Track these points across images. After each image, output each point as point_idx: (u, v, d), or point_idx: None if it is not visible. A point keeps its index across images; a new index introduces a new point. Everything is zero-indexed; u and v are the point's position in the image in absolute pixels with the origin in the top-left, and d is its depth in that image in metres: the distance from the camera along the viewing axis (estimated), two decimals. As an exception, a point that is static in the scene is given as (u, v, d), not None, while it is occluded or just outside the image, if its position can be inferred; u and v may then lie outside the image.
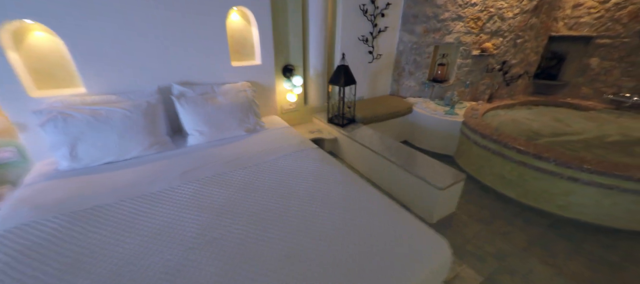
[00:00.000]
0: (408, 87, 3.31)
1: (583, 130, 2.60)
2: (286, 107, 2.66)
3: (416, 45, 3.05)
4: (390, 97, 3.35)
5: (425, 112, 2.90)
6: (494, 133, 2.23)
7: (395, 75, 3.33)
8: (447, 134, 2.77)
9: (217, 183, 1.38)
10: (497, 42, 2.94)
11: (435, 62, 3.19)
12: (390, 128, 2.97)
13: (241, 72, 2.14)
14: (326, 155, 1.72)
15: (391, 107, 2.91)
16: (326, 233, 1.07)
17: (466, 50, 2.96)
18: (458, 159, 2.69)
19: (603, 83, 3.06)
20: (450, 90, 3.19)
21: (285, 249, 1.00)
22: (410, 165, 1.86)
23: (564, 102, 3.27)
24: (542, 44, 3.21)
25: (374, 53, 2.98)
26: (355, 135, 2.35)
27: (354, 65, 2.90)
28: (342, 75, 2.31)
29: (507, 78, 3.19)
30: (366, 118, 2.64)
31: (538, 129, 2.62)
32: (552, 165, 1.89)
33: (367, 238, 1.06)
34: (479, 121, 2.50)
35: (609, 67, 2.98)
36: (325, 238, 1.05)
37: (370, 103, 2.99)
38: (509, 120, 2.84)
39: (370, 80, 3.18)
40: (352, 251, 1.00)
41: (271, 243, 1.03)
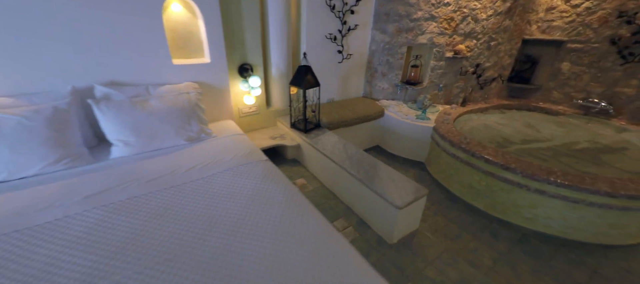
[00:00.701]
0: (381, 89, 3.15)
1: (552, 136, 2.55)
2: (245, 110, 2.42)
3: (389, 45, 2.89)
4: (363, 99, 3.18)
5: (396, 116, 2.75)
6: (463, 142, 2.11)
7: (368, 76, 3.17)
8: (419, 140, 2.64)
9: (129, 209, 1.14)
10: (471, 44, 2.84)
11: (408, 63, 3.05)
12: (360, 133, 2.80)
13: (185, 71, 1.88)
14: (272, 170, 1.51)
15: (361, 111, 2.74)
16: (247, 277, 0.87)
17: (439, 51, 2.83)
18: (429, 166, 2.57)
19: (573, 88, 3.04)
20: (424, 92, 3.07)
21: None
22: (370, 178, 1.69)
23: (537, 106, 3.24)
24: (516, 46, 3.15)
25: (343, 52, 2.79)
26: (318, 143, 2.16)
27: (321, 65, 2.70)
28: (304, 77, 2.10)
29: (481, 81, 3.11)
30: (332, 123, 2.45)
31: (509, 135, 2.54)
32: (519, 176, 1.78)
33: (293, 280, 0.87)
34: (449, 127, 2.38)
35: (579, 72, 2.96)
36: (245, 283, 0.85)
37: (339, 106, 2.81)
38: (481, 125, 2.75)
39: (341, 81, 2.99)
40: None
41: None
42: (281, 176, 1.48)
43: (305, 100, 2.17)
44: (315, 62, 2.64)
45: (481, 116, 3.01)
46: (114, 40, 1.58)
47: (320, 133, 2.33)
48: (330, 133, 2.34)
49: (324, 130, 2.38)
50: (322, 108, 2.70)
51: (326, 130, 2.39)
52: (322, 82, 2.81)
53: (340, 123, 2.51)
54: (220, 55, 1.99)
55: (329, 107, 2.74)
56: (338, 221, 1.77)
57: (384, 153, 2.93)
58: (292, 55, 2.71)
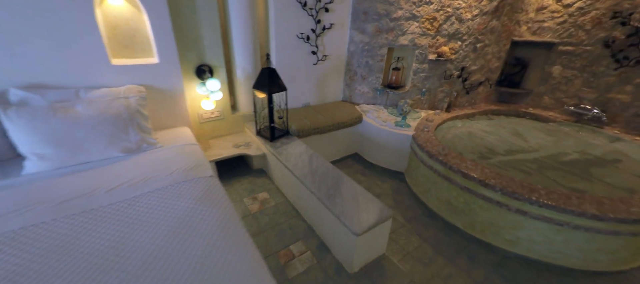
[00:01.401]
0: (361, 92, 2.96)
1: (540, 147, 2.37)
2: (207, 116, 2.22)
3: (368, 47, 2.70)
4: (342, 103, 2.99)
5: (374, 123, 2.56)
6: (440, 153, 1.92)
7: (348, 79, 2.98)
8: (398, 149, 2.46)
9: (17, 242, 0.94)
10: (455, 46, 2.65)
11: (389, 66, 2.86)
12: (336, 141, 2.61)
13: (128, 72, 1.68)
14: (214, 188, 1.31)
15: (337, 116, 2.55)
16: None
17: (422, 53, 2.64)
18: (408, 178, 2.38)
19: (564, 94, 2.86)
20: (406, 97, 2.88)
21: None
22: (331, 197, 1.49)
23: (526, 112, 3.06)
24: (505, 49, 2.97)
25: (318, 53, 2.60)
26: (282, 153, 1.96)
27: (293, 67, 2.51)
28: (267, 80, 1.91)
29: (467, 85, 2.93)
30: (303, 131, 2.26)
31: (493, 145, 2.36)
32: (499, 194, 1.59)
33: None
34: (428, 136, 2.19)
35: (571, 76, 2.78)
36: None
37: (314, 112, 2.62)
38: (464, 134, 2.56)
39: (317, 84, 2.80)
40: None
41: None
42: (222, 196, 1.28)
43: (270, 105, 1.97)
44: (286, 63, 2.44)
45: (467, 122, 2.83)
46: (37, 36, 1.38)
47: (287, 141, 2.13)
48: (299, 141, 2.14)
49: (292, 138, 2.18)
50: (295, 113, 2.50)
51: (295, 138, 2.19)
52: (295, 86, 2.62)
53: (312, 131, 2.31)
54: (171, 55, 1.79)
55: (302, 113, 2.54)
56: (296, 245, 1.58)
57: (361, 161, 2.74)
58: (260, 56, 2.51)
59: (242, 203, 1.89)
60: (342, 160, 2.77)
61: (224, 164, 2.23)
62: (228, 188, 2.04)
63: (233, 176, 2.19)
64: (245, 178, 2.17)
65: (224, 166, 2.25)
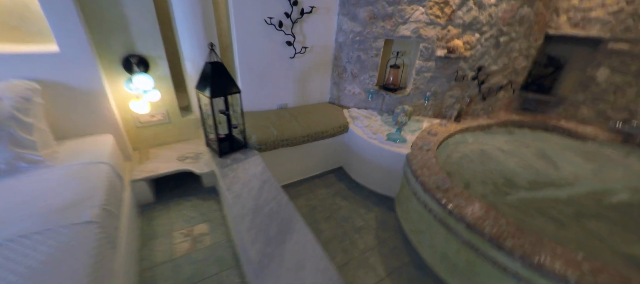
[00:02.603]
0: (352, 94, 2.44)
1: (575, 178, 1.80)
2: (145, 119, 1.78)
3: (360, 37, 2.16)
4: (329, 106, 2.48)
5: (362, 134, 2.05)
6: (439, 188, 1.41)
7: (335, 77, 2.46)
8: (388, 169, 1.95)
9: None
10: (472, 40, 2.07)
11: (387, 62, 2.32)
12: (314, 154, 2.13)
13: (12, 63, 1.24)
14: (83, 242, 0.88)
15: (316, 124, 2.06)
16: None
17: (428, 48, 2.08)
18: (398, 208, 1.89)
19: (611, 105, 2.24)
20: (406, 102, 2.34)
21: None
22: (267, 259, 1.03)
23: (556, 126, 2.46)
24: (536, 45, 2.35)
25: (295, 44, 2.08)
26: (228, 175, 1.50)
27: (263, 61, 2.01)
28: (211, 80, 1.43)
29: (484, 90, 2.35)
30: (266, 143, 1.78)
31: (512, 172, 1.81)
32: (519, 264, 1.09)
33: None
34: (426, 158, 1.67)
35: (622, 83, 2.15)
36: None
37: (289, 117, 2.13)
38: (476, 153, 2.02)
39: (297, 82, 2.30)
40: None
41: None
42: (87, 254, 0.84)
43: (214, 113, 1.50)
44: (253, 56, 1.95)
45: (480, 137, 2.27)
46: None
47: (243, 157, 1.67)
48: (258, 158, 1.67)
49: (250, 154, 1.72)
50: (263, 119, 2.02)
51: (254, 153, 1.72)
52: (267, 83, 2.12)
53: (279, 143, 1.84)
54: (78, 41, 1.33)
55: (272, 118, 2.06)
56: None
57: (346, 179, 2.25)
58: (221, 46, 2.03)
59: (169, 238, 1.45)
60: (323, 175, 2.29)
61: (169, 180, 1.80)
62: (162, 213, 1.61)
63: (177, 195, 1.77)
64: (189, 200, 1.73)
65: (169, 181, 1.82)
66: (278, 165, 1.96)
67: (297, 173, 2.15)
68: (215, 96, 1.43)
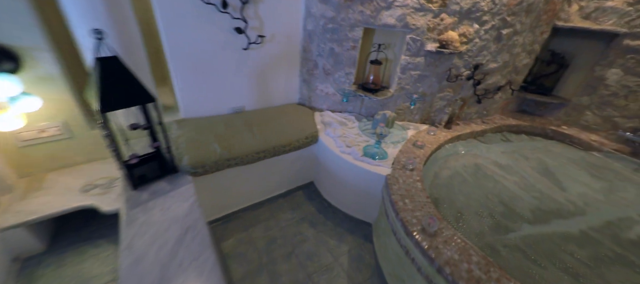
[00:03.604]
0: (325, 94, 2.03)
1: (586, 202, 1.51)
2: (30, 136, 1.30)
3: (333, 25, 1.73)
4: (298, 109, 2.07)
5: (333, 148, 1.67)
6: (425, 232, 1.06)
7: (305, 73, 2.03)
8: (365, 191, 1.59)
9: None
10: (469, 32, 1.69)
11: (367, 56, 1.91)
12: (275, 171, 1.73)
13: None
14: None
15: (277, 135, 1.65)
16: None
17: (416, 40, 1.69)
18: (376, 239, 1.55)
19: (620, 111, 1.95)
20: (389, 105, 1.96)
21: None
22: None
23: (557, 132, 2.17)
24: (542, 38, 2.00)
25: (249, 31, 1.63)
26: (138, 218, 1.08)
27: (204, 52, 1.55)
28: (100, 85, 0.98)
29: (480, 91, 2.00)
30: (203, 165, 1.36)
31: (512, 196, 1.49)
32: None
33: None
34: (409, 183, 1.31)
35: (636, 87, 1.85)
36: None
37: (243, 125, 1.70)
38: (470, 169, 1.69)
39: (256, 79, 1.86)
40: None
41: None
42: None
43: (111, 130, 1.07)
44: (188, 45, 1.49)
45: (473, 146, 1.94)
46: None
47: (167, 187, 1.25)
48: (191, 186, 1.26)
49: (181, 180, 1.30)
50: (207, 129, 1.59)
51: (187, 180, 1.31)
52: (213, 82, 1.66)
53: (223, 163, 1.42)
54: None
55: (219, 128, 1.63)
56: None
57: (317, 198, 1.89)
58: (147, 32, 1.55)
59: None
60: (291, 193, 1.91)
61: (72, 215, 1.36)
62: (52, 271, 1.18)
63: (82, 239, 1.33)
64: (98, 246, 1.31)
65: (72, 218, 1.37)
66: (225, 190, 1.56)
67: (255, 195, 1.76)
68: (107, 109, 0.98)
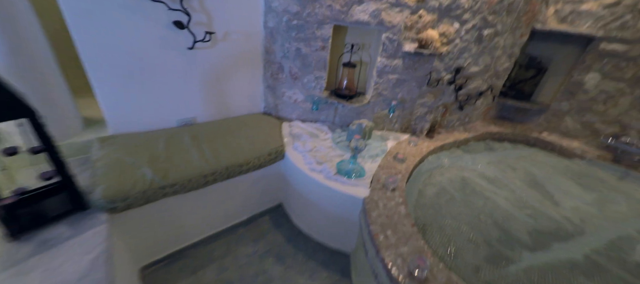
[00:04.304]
0: (293, 102, 1.77)
1: (581, 218, 1.36)
2: None
3: (298, 21, 1.48)
4: (262, 119, 1.78)
5: (302, 165, 1.40)
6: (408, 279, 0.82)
7: (269, 78, 1.76)
8: (341, 217, 1.33)
9: None
10: (450, 31, 1.52)
11: (338, 59, 1.68)
12: (235, 194, 1.42)
13: None
14: None
15: (232, 153, 1.34)
16: None
17: (393, 40, 1.49)
18: (354, 274, 1.28)
19: (599, 117, 1.89)
20: (365, 113, 1.74)
21: None
22: None
23: (538, 139, 2.08)
24: (521, 41, 1.91)
25: (193, 28, 1.33)
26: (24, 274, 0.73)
27: (134, 50, 1.23)
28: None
29: (462, 96, 1.85)
30: (127, 198, 1.02)
31: (506, 216, 1.31)
32: None
33: None
34: (393, 204, 1.07)
35: (614, 92, 1.80)
36: None
37: (191, 141, 1.38)
38: (457, 183, 1.50)
39: (208, 84, 1.55)
40: None
41: None
42: None
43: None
44: (108, 42, 1.16)
45: (458, 157, 1.77)
46: None
47: (67, 232, 0.90)
48: (104, 227, 0.92)
49: (90, 220, 0.95)
50: (141, 148, 1.24)
51: (101, 218, 0.96)
52: (150, 89, 1.30)
53: (157, 192, 1.09)
54: None
55: (157, 146, 1.30)
56: None
57: (285, 224, 1.59)
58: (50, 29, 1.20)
59: None
60: (254, 220, 1.60)
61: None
62: None
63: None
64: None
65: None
66: (165, 224, 1.22)
67: (207, 226, 1.43)
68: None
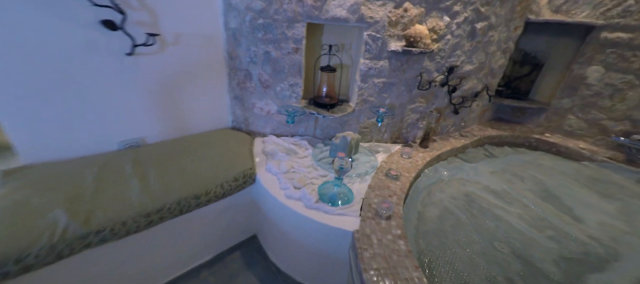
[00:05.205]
0: (266, 114, 1.52)
1: (609, 233, 1.15)
2: None
3: (265, 19, 1.25)
4: (231, 135, 1.52)
5: (276, 192, 1.14)
6: None
7: (235, 87, 1.51)
8: (326, 252, 1.07)
9: None
10: (440, 26, 1.33)
11: (315, 62, 1.45)
12: (196, 229, 1.13)
13: None
14: None
15: (186, 180, 1.07)
16: None
17: (377, 38, 1.28)
18: (344, 330, 1.02)
19: (607, 113, 1.72)
20: (350, 123, 1.51)
21: None
22: None
23: (541, 141, 1.90)
24: (515, 35, 1.74)
25: (127, 26, 1.07)
26: None
27: (58, 57, 0.95)
28: None
29: (456, 99, 1.65)
30: (18, 259, 0.74)
31: (525, 241, 1.08)
32: None
33: None
34: (390, 240, 0.82)
35: (621, 85, 1.64)
36: None
37: (129, 171, 1.09)
38: (461, 203, 1.26)
39: (160, 96, 1.29)
40: None
41: None
42: None
43: None
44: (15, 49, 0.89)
45: (457, 168, 1.55)
46: None
47: None
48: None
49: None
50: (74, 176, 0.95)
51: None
52: (79, 104, 0.98)
53: (71, 243, 0.81)
54: None
55: (85, 178, 1.01)
56: None
57: (261, 262, 1.31)
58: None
59: None
60: (220, 259, 1.31)
61: None
62: None
63: None
64: None
65: None
66: (99, 277, 0.93)
67: (159, 274, 1.14)
68: None
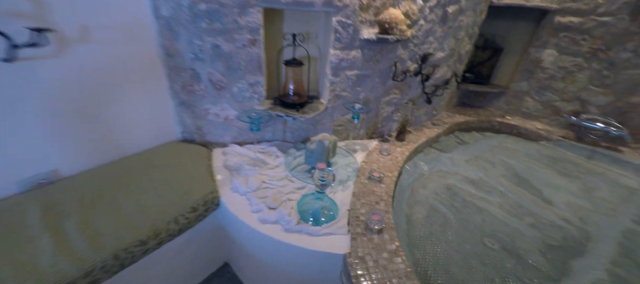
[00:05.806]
0: (223, 120, 1.27)
1: (577, 213, 1.20)
2: None
3: (209, 5, 0.99)
4: (181, 149, 1.25)
5: (245, 216, 0.94)
6: None
7: (180, 91, 1.22)
8: (313, 280, 0.92)
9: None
10: (413, 9, 1.21)
11: (278, 55, 1.24)
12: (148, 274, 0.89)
13: None
14: None
15: (121, 223, 0.81)
16: None
17: (347, 25, 1.11)
18: None
19: (559, 95, 1.83)
20: (323, 123, 1.35)
21: None
22: None
23: (503, 123, 1.97)
24: (480, 19, 1.72)
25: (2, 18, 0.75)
26: None
27: None
28: None
29: (429, 88, 1.58)
30: None
31: (510, 232, 1.06)
32: None
33: None
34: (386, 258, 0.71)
35: (572, 67, 1.74)
36: None
37: (34, 218, 0.79)
38: (443, 195, 1.21)
39: (67, 113, 0.96)
40: None
41: None
42: None
43: None
44: None
45: (435, 159, 1.51)
46: None
47: None
48: None
49: None
50: None
51: None
52: None
53: None
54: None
55: None
56: None
57: None
58: None
59: None
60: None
61: None
62: None
63: None
64: None
65: None
66: None
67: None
68: None
